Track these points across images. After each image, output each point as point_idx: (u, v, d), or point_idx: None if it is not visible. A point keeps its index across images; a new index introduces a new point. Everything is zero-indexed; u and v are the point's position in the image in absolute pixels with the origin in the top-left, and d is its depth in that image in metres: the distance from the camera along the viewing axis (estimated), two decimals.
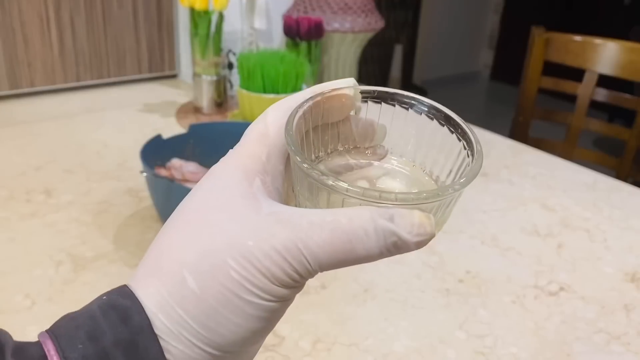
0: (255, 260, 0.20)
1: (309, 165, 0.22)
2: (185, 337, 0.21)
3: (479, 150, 0.24)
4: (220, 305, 0.21)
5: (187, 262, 0.21)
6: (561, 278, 0.65)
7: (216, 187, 0.23)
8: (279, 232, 0.21)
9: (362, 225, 0.20)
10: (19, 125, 1.01)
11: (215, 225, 0.21)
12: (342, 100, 0.25)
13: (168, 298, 0.21)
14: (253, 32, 1.24)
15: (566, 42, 1.24)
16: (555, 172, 0.95)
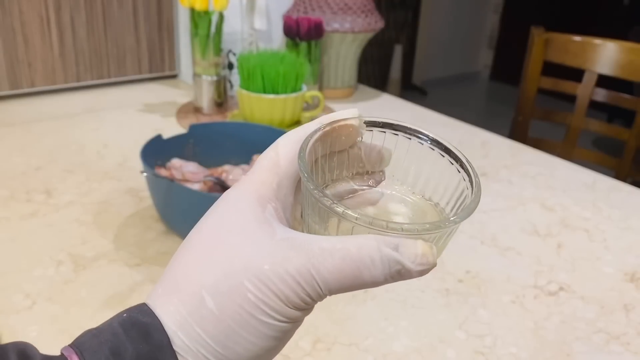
0: (271, 283, 0.22)
1: (321, 193, 0.23)
2: (202, 355, 0.22)
3: (478, 183, 0.26)
4: (237, 325, 0.22)
5: (205, 284, 0.22)
6: (561, 278, 0.66)
7: (231, 211, 0.24)
8: (293, 257, 0.22)
9: (369, 253, 0.22)
10: (19, 125, 1.01)
11: (231, 248, 0.23)
12: (349, 130, 0.27)
13: (187, 317, 0.22)
14: (253, 32, 1.24)
15: (566, 43, 1.24)
16: (555, 172, 0.95)
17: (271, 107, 0.97)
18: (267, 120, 0.98)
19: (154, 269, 0.62)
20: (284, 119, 0.99)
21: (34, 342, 0.53)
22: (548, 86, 1.28)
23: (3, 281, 0.59)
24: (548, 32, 1.26)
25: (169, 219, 0.69)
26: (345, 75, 1.27)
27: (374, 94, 1.32)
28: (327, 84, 1.27)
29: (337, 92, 1.27)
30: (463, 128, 1.13)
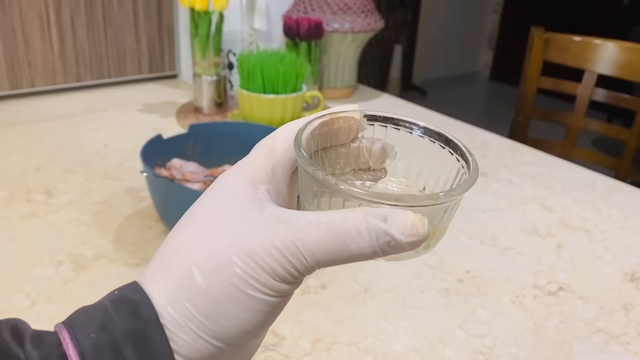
0: (258, 257, 0.22)
1: (314, 166, 0.23)
2: (190, 329, 0.23)
3: (475, 166, 0.26)
4: (224, 299, 0.22)
5: (195, 259, 0.23)
6: (560, 278, 0.66)
7: (223, 192, 0.25)
8: (279, 231, 0.22)
9: (355, 225, 0.22)
10: (19, 125, 1.01)
11: (221, 226, 0.23)
12: (350, 122, 0.27)
13: (176, 292, 0.23)
14: (253, 32, 1.24)
15: (565, 43, 1.24)
16: (555, 172, 0.95)
17: (271, 107, 0.97)
18: (267, 120, 0.98)
19: None
20: (284, 119, 0.99)
21: None
22: (548, 86, 1.28)
23: (3, 281, 0.59)
24: (548, 32, 1.26)
25: (168, 219, 0.69)
26: (345, 75, 1.27)
27: (373, 94, 1.32)
28: (327, 84, 1.27)
29: (337, 92, 1.27)
30: (463, 128, 1.13)
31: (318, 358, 0.51)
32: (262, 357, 0.51)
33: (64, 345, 0.22)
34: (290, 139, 0.26)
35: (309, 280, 0.62)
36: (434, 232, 0.25)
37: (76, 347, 0.22)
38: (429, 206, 0.23)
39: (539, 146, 1.17)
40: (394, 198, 0.22)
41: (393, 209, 0.22)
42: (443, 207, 0.24)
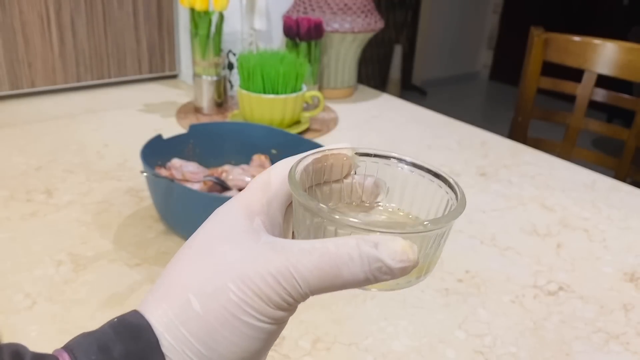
0: (252, 283, 0.23)
1: (307, 197, 0.24)
2: (187, 355, 0.23)
3: (462, 197, 0.27)
4: (220, 325, 0.23)
5: (192, 287, 0.23)
6: (560, 278, 0.66)
7: (221, 223, 0.25)
8: (274, 258, 0.23)
9: (348, 251, 0.22)
10: (19, 125, 1.01)
11: (218, 254, 0.24)
12: (342, 159, 0.29)
13: (174, 319, 0.23)
14: (253, 32, 1.24)
15: (565, 43, 1.24)
16: (554, 172, 0.95)
17: (271, 107, 0.97)
18: (267, 120, 0.98)
19: (154, 269, 0.62)
20: (284, 119, 0.99)
21: (34, 342, 0.53)
22: (547, 86, 1.28)
23: (3, 281, 0.59)
24: (547, 32, 1.27)
25: (169, 219, 0.69)
26: (345, 75, 1.27)
27: (373, 94, 1.33)
28: (327, 84, 1.27)
29: (337, 92, 1.27)
30: (463, 128, 1.13)
31: (318, 358, 0.51)
32: None
33: None
34: (285, 173, 0.27)
35: None
36: (424, 261, 0.26)
37: None
38: (418, 233, 0.24)
39: (538, 146, 1.17)
40: (385, 225, 0.24)
41: (384, 235, 0.23)
42: (432, 234, 0.25)
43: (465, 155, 0.99)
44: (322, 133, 1.05)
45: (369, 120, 1.15)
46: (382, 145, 1.01)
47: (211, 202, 0.62)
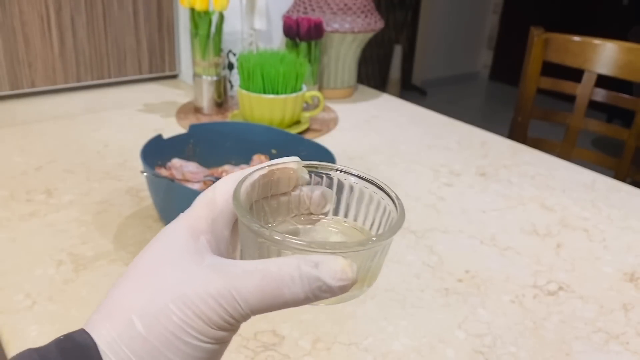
0: (193, 305, 0.23)
1: (250, 219, 0.25)
2: None
3: (402, 211, 0.28)
4: (163, 346, 0.23)
5: (135, 308, 0.24)
6: (560, 277, 0.66)
7: (165, 243, 0.26)
8: (215, 280, 0.23)
9: (289, 271, 0.23)
10: (19, 125, 1.01)
11: (160, 275, 0.24)
12: (289, 172, 0.29)
13: (117, 338, 0.23)
14: (253, 32, 1.25)
15: (565, 43, 1.24)
16: (554, 172, 0.95)
17: (271, 107, 0.97)
18: (267, 120, 0.98)
19: None
20: (284, 119, 0.99)
21: (34, 341, 0.53)
22: (547, 86, 1.28)
23: (3, 281, 0.59)
24: (547, 32, 1.27)
25: (168, 219, 0.69)
26: (345, 75, 1.27)
27: (373, 94, 1.33)
28: (326, 84, 1.27)
29: (337, 92, 1.27)
30: (462, 128, 1.13)
31: (318, 358, 0.51)
32: (263, 357, 0.51)
33: None
34: (230, 190, 0.27)
35: None
36: (366, 274, 0.27)
37: None
38: (358, 252, 0.25)
39: (538, 146, 1.17)
40: (325, 246, 0.24)
41: (324, 255, 0.24)
42: (372, 251, 0.26)
43: (465, 155, 0.99)
44: (322, 133, 1.05)
45: (369, 120, 1.15)
46: (383, 145, 1.01)
47: None
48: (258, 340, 0.53)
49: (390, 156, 0.97)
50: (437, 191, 0.85)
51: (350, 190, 0.31)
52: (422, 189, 0.86)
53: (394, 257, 0.67)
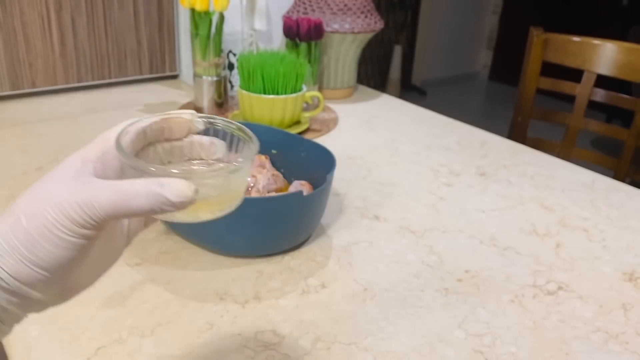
0: (63, 209, 0.31)
1: (122, 150, 0.33)
2: (16, 256, 0.31)
3: (254, 148, 0.36)
4: (40, 237, 0.31)
5: (23, 209, 0.32)
6: (559, 277, 0.66)
7: (59, 167, 0.34)
8: (83, 191, 0.31)
9: (137, 188, 0.31)
10: (20, 125, 1.01)
11: (46, 188, 0.33)
12: (181, 122, 0.37)
13: (8, 229, 0.32)
14: (253, 32, 1.25)
15: (565, 43, 1.25)
16: (554, 172, 0.95)
17: (271, 107, 0.97)
18: (268, 121, 0.98)
19: (154, 268, 0.63)
20: (284, 119, 0.99)
21: (35, 341, 0.53)
22: (547, 86, 1.29)
23: None
24: (547, 33, 1.27)
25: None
26: (345, 75, 1.27)
27: (373, 94, 1.33)
28: (326, 85, 1.27)
29: (337, 92, 1.28)
30: (462, 128, 1.13)
31: (318, 357, 0.51)
32: (262, 357, 0.51)
33: None
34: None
35: (309, 280, 0.62)
36: (222, 197, 0.34)
37: None
38: (205, 178, 0.32)
39: (538, 146, 1.18)
40: (173, 171, 0.31)
41: (170, 178, 0.31)
42: (220, 178, 0.33)
43: (464, 155, 0.99)
44: (322, 133, 1.06)
45: (369, 120, 1.15)
46: (382, 146, 1.02)
47: None
48: (258, 339, 0.53)
49: (390, 156, 0.97)
50: (437, 191, 0.86)
51: (234, 138, 0.38)
52: (422, 188, 0.86)
53: (394, 257, 0.68)
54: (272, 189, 0.73)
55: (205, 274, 0.62)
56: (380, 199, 0.82)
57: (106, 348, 0.51)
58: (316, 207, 0.67)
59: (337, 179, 0.87)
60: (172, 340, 0.52)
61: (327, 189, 0.67)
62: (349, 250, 0.69)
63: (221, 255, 0.65)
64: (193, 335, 0.53)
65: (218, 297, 0.58)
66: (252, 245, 0.65)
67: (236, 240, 0.64)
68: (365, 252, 0.68)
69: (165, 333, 0.53)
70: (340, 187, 0.84)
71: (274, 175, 0.76)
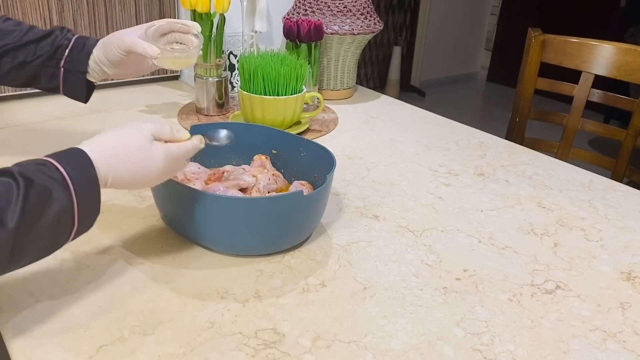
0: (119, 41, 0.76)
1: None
2: (97, 57, 0.78)
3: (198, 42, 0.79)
4: (108, 50, 0.77)
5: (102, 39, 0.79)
6: (557, 276, 0.66)
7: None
8: (124, 38, 0.77)
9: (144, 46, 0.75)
10: (22, 125, 1.02)
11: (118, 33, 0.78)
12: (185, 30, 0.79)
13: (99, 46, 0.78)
14: (254, 34, 1.25)
15: (562, 44, 1.25)
16: (552, 172, 0.96)
17: (272, 108, 0.98)
18: (268, 121, 0.99)
19: (156, 267, 0.63)
20: (285, 120, 1.00)
21: (37, 340, 0.53)
22: (545, 87, 1.29)
23: (6, 280, 0.60)
24: (545, 34, 1.28)
25: (170, 219, 0.70)
26: (345, 76, 1.28)
27: (372, 95, 1.33)
28: (326, 85, 1.28)
29: (337, 93, 1.28)
30: (461, 129, 1.14)
31: (318, 355, 0.52)
32: (263, 355, 0.51)
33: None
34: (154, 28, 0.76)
35: (309, 279, 0.63)
36: (182, 60, 0.79)
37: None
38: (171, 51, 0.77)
39: (536, 146, 1.18)
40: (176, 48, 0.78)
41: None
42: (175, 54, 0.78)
43: (463, 156, 1.00)
44: (322, 133, 1.06)
45: (368, 120, 1.16)
46: (382, 146, 1.02)
47: (212, 201, 0.63)
48: (259, 338, 0.54)
49: (389, 156, 0.98)
50: (436, 191, 0.86)
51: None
52: (421, 188, 0.87)
53: (393, 256, 0.68)
54: (273, 188, 0.74)
55: (206, 272, 0.63)
56: (379, 198, 0.83)
57: (108, 347, 0.51)
58: (316, 207, 0.68)
59: (337, 179, 0.87)
60: (174, 338, 0.53)
61: (327, 189, 0.68)
62: (348, 249, 0.69)
63: (222, 254, 0.66)
64: (194, 334, 0.54)
65: (219, 296, 0.59)
66: (252, 245, 0.65)
67: (237, 239, 0.64)
68: (365, 251, 0.69)
69: (166, 331, 0.54)
70: (340, 187, 0.85)
71: (274, 175, 0.76)
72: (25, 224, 0.45)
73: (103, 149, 0.53)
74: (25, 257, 0.48)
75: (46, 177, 0.48)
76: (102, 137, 0.55)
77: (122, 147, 0.54)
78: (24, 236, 0.45)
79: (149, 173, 0.56)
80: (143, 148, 0.55)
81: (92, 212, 0.52)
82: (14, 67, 0.75)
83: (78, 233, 0.52)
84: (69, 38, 0.77)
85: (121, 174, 0.54)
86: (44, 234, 0.47)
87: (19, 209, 0.44)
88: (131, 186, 0.56)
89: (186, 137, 0.60)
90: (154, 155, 0.56)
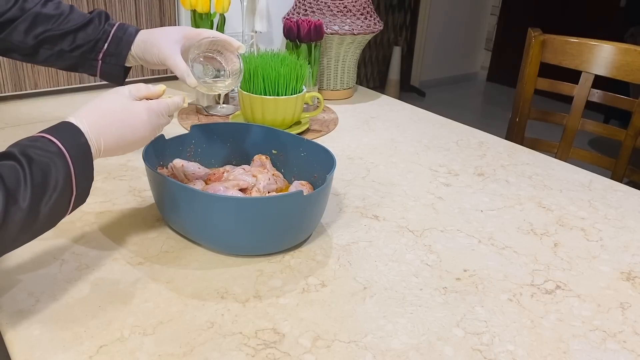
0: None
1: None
2: (135, 54, 0.80)
3: (239, 69, 0.77)
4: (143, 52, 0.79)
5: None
6: (557, 276, 0.66)
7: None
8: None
9: (184, 68, 0.74)
10: (22, 126, 1.02)
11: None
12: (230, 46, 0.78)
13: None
14: (254, 34, 1.25)
15: (562, 44, 1.25)
16: (551, 172, 0.96)
17: (272, 108, 0.98)
18: (268, 121, 0.99)
19: (156, 267, 0.63)
20: (285, 120, 1.00)
21: (37, 340, 0.54)
22: (545, 87, 1.29)
23: (7, 280, 0.60)
24: (545, 34, 1.28)
25: (170, 218, 0.70)
26: (345, 76, 1.28)
27: (372, 95, 1.33)
28: (326, 86, 1.28)
29: (337, 93, 1.28)
30: (461, 129, 1.14)
31: (318, 355, 0.52)
32: (263, 355, 0.51)
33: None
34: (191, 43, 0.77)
35: (309, 279, 0.63)
36: (220, 90, 0.79)
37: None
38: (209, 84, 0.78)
39: (535, 146, 1.18)
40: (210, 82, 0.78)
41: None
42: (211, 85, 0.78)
43: (463, 156, 1.00)
44: (322, 134, 1.06)
45: (368, 120, 1.16)
46: (382, 146, 1.02)
47: (212, 201, 0.63)
48: (259, 338, 0.54)
49: (389, 156, 0.98)
50: (436, 191, 0.86)
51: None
52: (421, 188, 0.87)
53: (393, 256, 0.68)
54: (273, 188, 0.74)
55: (206, 272, 0.63)
56: (379, 198, 0.83)
57: (108, 346, 0.51)
58: (316, 207, 0.68)
59: (337, 179, 0.87)
60: (174, 338, 0.53)
61: (327, 189, 0.68)
62: (348, 249, 0.69)
63: (222, 254, 0.66)
64: (194, 334, 0.54)
65: (219, 296, 0.59)
66: (252, 245, 0.65)
67: (237, 239, 0.64)
68: (365, 251, 0.69)
69: (166, 331, 0.54)
70: (340, 187, 0.85)
71: (274, 175, 0.76)
72: (36, 199, 0.49)
73: (88, 117, 0.59)
74: (36, 231, 0.51)
75: (44, 152, 0.52)
76: (85, 107, 0.60)
77: (106, 110, 0.59)
78: (35, 211, 0.49)
79: (136, 128, 0.60)
80: (125, 106, 0.60)
81: (87, 179, 0.55)
82: (53, 54, 0.77)
83: (76, 202, 0.54)
84: (108, 31, 0.77)
85: (111, 136, 0.58)
86: (50, 205, 0.51)
87: (29, 188, 0.48)
88: (123, 147, 0.60)
89: (162, 89, 0.64)
90: (136, 111, 0.60)
